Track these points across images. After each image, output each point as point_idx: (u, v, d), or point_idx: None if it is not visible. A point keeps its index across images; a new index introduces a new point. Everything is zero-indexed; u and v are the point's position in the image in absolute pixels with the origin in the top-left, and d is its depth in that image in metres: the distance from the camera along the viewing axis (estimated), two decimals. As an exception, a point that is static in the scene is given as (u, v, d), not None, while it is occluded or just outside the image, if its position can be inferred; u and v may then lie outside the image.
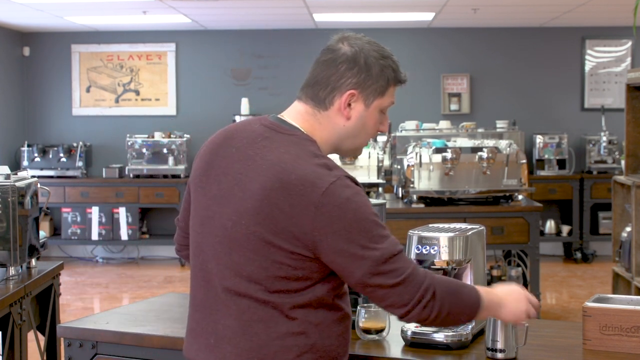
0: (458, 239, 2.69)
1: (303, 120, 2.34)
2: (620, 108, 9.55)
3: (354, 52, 2.32)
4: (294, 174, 2.17)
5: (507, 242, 6.58)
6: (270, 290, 2.20)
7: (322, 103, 2.33)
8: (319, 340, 2.23)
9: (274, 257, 2.18)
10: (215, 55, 10.64)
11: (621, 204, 5.92)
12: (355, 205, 2.17)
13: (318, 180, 2.17)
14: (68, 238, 10.15)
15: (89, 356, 2.97)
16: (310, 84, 2.37)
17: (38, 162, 10.09)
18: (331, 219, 2.15)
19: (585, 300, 2.77)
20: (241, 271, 2.22)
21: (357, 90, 2.31)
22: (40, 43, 10.65)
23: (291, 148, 2.24)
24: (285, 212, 2.16)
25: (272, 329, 2.21)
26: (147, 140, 10.09)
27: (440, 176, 6.50)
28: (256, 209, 2.19)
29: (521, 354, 2.64)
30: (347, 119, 2.33)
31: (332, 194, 2.16)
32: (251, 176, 2.22)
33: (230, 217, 2.24)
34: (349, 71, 2.31)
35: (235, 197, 2.24)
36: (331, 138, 2.35)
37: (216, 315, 2.27)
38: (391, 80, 2.36)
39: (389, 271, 2.18)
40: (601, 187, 9.87)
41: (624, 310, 2.64)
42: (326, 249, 2.17)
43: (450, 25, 10.39)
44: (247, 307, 2.22)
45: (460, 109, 10.49)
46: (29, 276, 4.16)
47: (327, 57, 2.35)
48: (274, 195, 2.17)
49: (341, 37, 2.38)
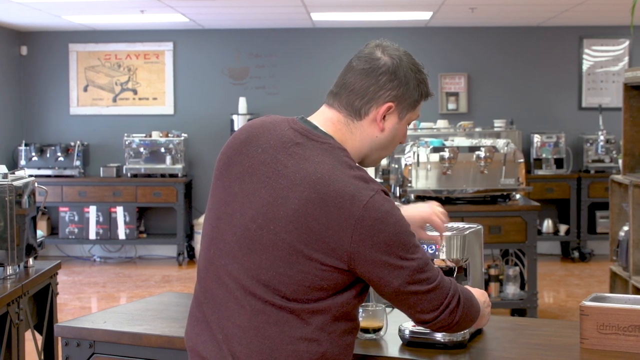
0: (456, 238, 2.69)
1: (335, 128, 2.32)
2: (617, 107, 9.56)
3: (395, 65, 2.30)
4: (332, 186, 2.16)
5: (505, 241, 6.59)
6: (289, 297, 2.19)
7: (357, 113, 2.31)
8: (329, 349, 2.23)
9: (301, 266, 2.17)
10: (212, 54, 10.64)
11: (618, 203, 5.92)
12: (395, 219, 2.19)
13: (358, 194, 2.16)
14: (65, 237, 10.14)
15: (87, 355, 2.97)
16: (345, 91, 2.32)
17: (35, 162, 10.08)
18: (372, 232, 2.16)
19: (582, 299, 2.77)
20: (260, 274, 2.21)
21: (395, 103, 2.30)
22: (38, 42, 10.65)
23: (326, 158, 2.22)
24: (322, 223, 2.15)
25: (286, 333, 2.20)
26: (145, 140, 10.09)
27: (437, 175, 6.50)
28: (290, 217, 2.17)
29: (518, 353, 2.64)
30: (381, 130, 2.33)
31: (372, 208, 2.16)
32: (283, 183, 2.20)
33: (254, 219, 2.22)
34: (389, 83, 2.29)
35: (263, 200, 2.22)
36: (362, 148, 2.34)
37: (227, 312, 2.25)
38: (424, 95, 2.37)
39: (424, 279, 2.24)
40: (599, 186, 9.87)
41: (622, 310, 2.64)
42: (364, 261, 2.17)
43: (448, 25, 10.39)
44: (262, 309, 2.21)
45: (457, 108, 10.50)
46: (26, 275, 4.16)
47: (365, 66, 2.30)
48: (311, 206, 2.16)
49: (378, 45, 2.34)
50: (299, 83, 10.38)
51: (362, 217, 2.15)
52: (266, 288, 2.20)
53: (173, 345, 2.78)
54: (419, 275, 2.22)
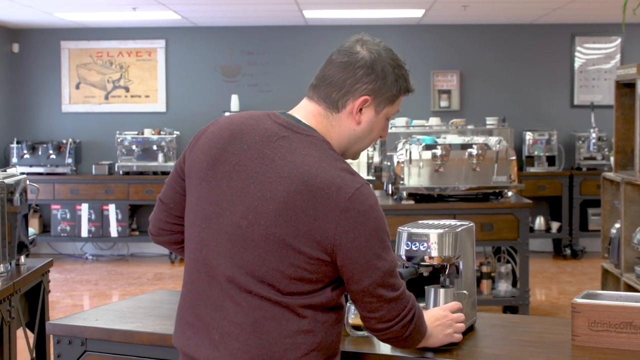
0: (448, 235, 2.69)
1: (317, 121, 2.33)
2: (609, 105, 9.55)
3: (373, 59, 2.32)
4: (319, 178, 2.18)
5: (497, 238, 6.60)
6: (283, 292, 2.20)
7: (335, 105, 2.32)
8: (324, 337, 2.26)
9: (291, 259, 2.19)
10: (205, 51, 10.62)
11: (610, 200, 5.94)
12: (377, 214, 2.22)
13: (344, 185, 2.18)
14: (57, 235, 10.12)
15: (78, 353, 2.96)
16: (323, 84, 2.34)
17: (27, 159, 10.07)
18: (354, 224, 2.17)
19: (574, 296, 2.78)
20: (254, 271, 2.21)
21: (371, 97, 2.32)
22: (30, 39, 10.62)
23: (312, 150, 2.24)
24: (309, 215, 2.16)
25: (283, 327, 2.21)
26: (137, 137, 10.08)
27: (430, 173, 6.51)
28: (278, 210, 2.18)
29: (510, 350, 2.64)
30: (357, 123, 2.34)
31: (357, 200, 2.18)
32: (271, 177, 2.21)
33: (245, 215, 2.22)
34: (366, 77, 2.31)
35: (252, 196, 2.22)
36: (341, 141, 2.35)
37: (222, 312, 2.25)
38: (402, 90, 2.38)
39: (391, 284, 2.25)
40: (590, 184, 9.89)
41: (613, 307, 2.65)
42: (343, 253, 2.19)
43: (440, 22, 10.40)
44: (258, 305, 2.21)
45: (450, 106, 10.50)
46: (18, 273, 4.15)
47: (344, 59, 2.33)
48: (299, 198, 2.17)
49: (358, 39, 2.37)
50: (291, 80, 10.37)
51: (347, 209, 2.17)
52: (261, 284, 2.20)
53: (165, 343, 2.78)
54: (388, 279, 2.24)
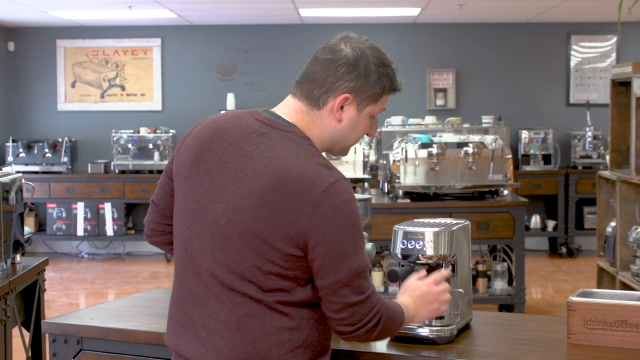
0: (443, 233, 2.69)
1: (298, 117, 2.33)
2: (605, 103, 9.60)
3: (356, 57, 2.31)
4: (293, 172, 2.17)
5: (493, 237, 6.60)
6: (264, 289, 2.20)
7: (316, 102, 2.32)
8: (310, 334, 2.25)
9: (268, 256, 2.18)
10: (201, 50, 10.62)
11: (606, 199, 5.95)
12: (350, 210, 2.18)
13: (318, 180, 2.16)
14: (53, 234, 10.11)
15: (74, 352, 2.96)
16: (306, 80, 2.34)
17: (23, 158, 10.06)
18: (326, 220, 2.15)
19: (570, 294, 2.78)
20: (235, 268, 2.21)
21: (352, 95, 2.30)
22: (25, 38, 10.61)
23: (290, 146, 2.23)
24: (283, 210, 2.16)
25: (266, 324, 2.21)
26: (133, 136, 10.07)
27: (426, 171, 6.51)
28: (254, 207, 2.18)
29: (506, 348, 2.64)
30: (339, 121, 2.33)
31: (331, 195, 2.16)
32: (249, 173, 2.21)
33: (224, 213, 2.23)
34: (347, 75, 2.29)
35: (231, 193, 2.22)
36: (323, 138, 2.34)
37: (208, 309, 2.26)
38: (387, 89, 2.36)
39: (356, 286, 2.20)
40: (586, 182, 9.90)
41: (609, 305, 2.65)
42: (313, 248, 2.17)
43: (436, 21, 10.40)
44: (241, 302, 2.22)
45: (446, 104, 10.51)
46: (13, 272, 4.15)
47: (327, 57, 2.32)
48: (273, 193, 2.16)
49: (344, 37, 2.35)
50: (287, 79, 10.26)
51: (320, 203, 2.15)
52: (242, 281, 2.21)
53: (160, 342, 2.78)
54: (354, 280, 2.20)
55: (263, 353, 2.21)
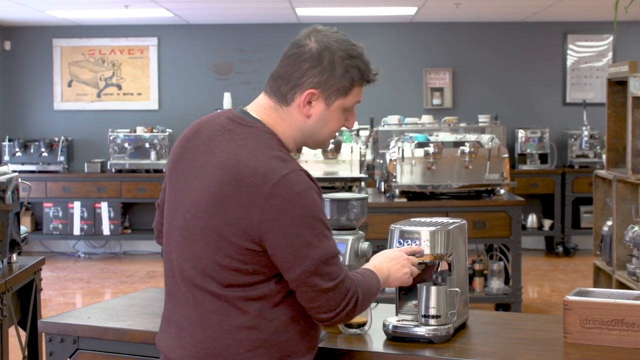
0: (440, 233, 2.69)
1: (266, 114, 2.33)
2: (601, 103, 9.55)
3: (320, 50, 2.29)
4: (247, 166, 2.17)
5: (489, 236, 6.61)
6: (223, 284, 2.21)
7: (284, 99, 2.32)
8: (273, 335, 2.24)
9: (225, 251, 2.19)
10: (197, 49, 10.61)
11: (602, 198, 5.95)
12: (305, 201, 2.17)
13: (270, 172, 2.16)
14: (50, 233, 10.11)
15: (70, 351, 2.96)
16: (274, 77, 2.35)
17: (19, 157, 10.04)
18: (279, 212, 2.14)
19: (566, 294, 2.78)
20: (198, 264, 2.24)
21: (317, 90, 2.29)
22: (21, 37, 10.60)
23: (249, 141, 2.24)
24: (236, 205, 2.16)
25: (225, 322, 2.22)
26: (129, 135, 10.06)
27: (422, 170, 6.51)
28: (211, 202, 2.20)
29: (503, 347, 2.65)
30: (307, 117, 2.32)
31: (283, 187, 2.15)
32: (209, 169, 2.23)
33: (189, 209, 2.26)
34: (312, 70, 2.28)
35: (195, 189, 2.26)
36: (293, 134, 2.34)
37: (179, 306, 2.31)
38: (356, 81, 2.33)
39: (325, 273, 2.19)
40: (583, 182, 9.91)
41: (605, 304, 2.65)
42: (271, 242, 2.16)
43: (433, 20, 10.40)
44: (203, 299, 2.24)
45: (442, 104, 10.51)
46: (9, 271, 4.14)
47: (292, 52, 2.32)
48: (227, 188, 2.18)
49: (311, 31, 2.34)
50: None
51: (271, 195, 2.14)
52: (204, 276, 2.23)
53: (157, 341, 2.78)
54: (322, 268, 2.19)
55: (220, 351, 2.23)
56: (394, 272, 2.52)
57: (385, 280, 2.49)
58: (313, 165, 6.53)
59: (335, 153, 6.53)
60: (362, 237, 2.85)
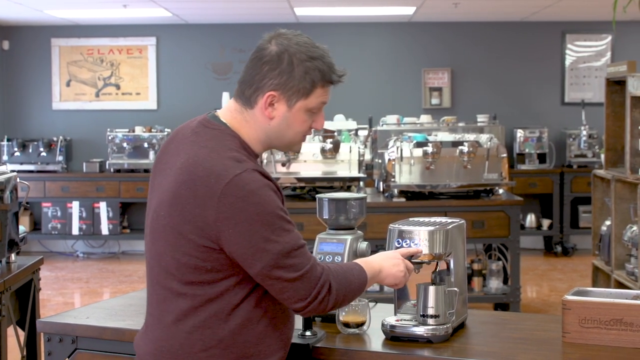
0: (438, 232, 2.69)
1: (232, 117, 2.38)
2: (600, 102, 9.55)
3: (279, 53, 2.33)
4: (202, 167, 2.23)
5: (488, 235, 6.60)
6: (183, 281, 2.27)
7: (248, 101, 2.36)
8: (228, 336, 2.27)
9: (184, 248, 2.25)
10: (196, 49, 10.61)
11: (601, 197, 5.95)
12: (259, 199, 2.21)
13: (224, 172, 2.21)
14: (48, 233, 10.10)
15: (69, 351, 2.96)
16: (240, 81, 2.40)
17: (18, 157, 10.04)
18: (233, 211, 2.19)
19: (565, 293, 2.78)
20: (161, 261, 2.31)
21: (277, 92, 2.33)
22: (20, 37, 10.59)
23: (210, 142, 2.29)
24: (192, 204, 2.22)
25: (180, 321, 2.28)
26: (128, 135, 10.06)
27: (421, 170, 6.51)
28: (171, 201, 2.26)
29: (501, 347, 2.65)
30: (270, 119, 2.36)
31: (235, 186, 2.20)
32: (172, 170, 2.30)
33: (155, 209, 2.34)
34: (271, 72, 2.32)
35: (160, 189, 2.34)
36: (259, 136, 2.38)
37: (149, 303, 2.39)
38: (317, 82, 2.35)
39: (289, 265, 2.24)
40: (581, 181, 9.91)
41: (603, 304, 2.65)
42: (228, 240, 2.21)
43: (431, 20, 10.40)
44: (164, 297, 2.31)
45: (441, 103, 10.51)
46: (8, 271, 4.14)
47: (254, 56, 2.37)
48: (184, 188, 2.24)
49: (273, 35, 2.38)
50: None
51: (224, 195, 2.19)
52: (166, 274, 2.30)
53: (156, 341, 2.78)
54: (284, 261, 2.23)
55: (175, 349, 2.28)
56: (387, 267, 2.54)
57: (377, 275, 2.51)
58: (311, 165, 6.54)
59: (334, 153, 6.53)
60: (360, 237, 2.85)
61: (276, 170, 6.50)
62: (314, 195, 6.50)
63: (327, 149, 6.49)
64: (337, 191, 6.32)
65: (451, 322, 2.71)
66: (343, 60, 10.47)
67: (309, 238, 2.60)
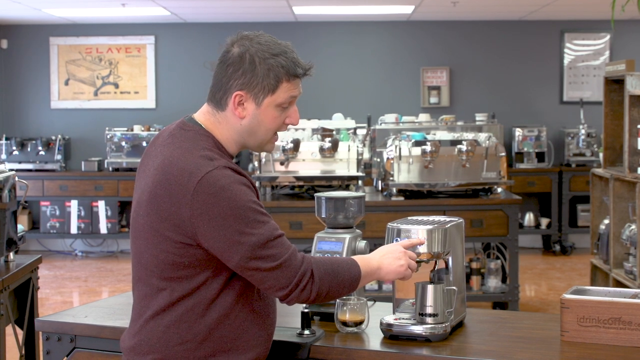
0: (437, 231, 2.69)
1: (205, 118, 2.47)
2: (598, 101, 9.60)
3: (241, 54, 2.41)
4: (176, 166, 2.31)
5: (487, 234, 6.61)
6: (162, 277, 2.35)
7: (219, 104, 2.45)
8: (204, 331, 2.34)
9: (162, 245, 2.32)
10: (194, 48, 10.60)
11: (599, 196, 5.96)
12: (230, 194, 2.28)
13: (196, 170, 2.29)
14: (47, 232, 10.10)
15: (68, 350, 2.96)
16: (211, 86, 2.48)
17: (16, 156, 10.03)
18: (207, 207, 2.26)
19: (563, 292, 2.78)
20: (141, 259, 2.40)
21: (243, 91, 2.40)
22: (18, 35, 10.58)
23: (184, 143, 2.37)
24: (167, 202, 2.30)
25: (159, 316, 2.35)
26: (127, 134, 10.05)
27: (419, 169, 6.51)
28: (147, 200, 2.35)
29: (499, 346, 2.65)
30: (241, 118, 2.43)
31: (207, 182, 2.27)
32: (150, 171, 2.38)
33: (135, 209, 2.43)
34: (235, 73, 2.40)
35: (140, 190, 2.42)
36: (232, 136, 2.45)
37: (133, 301, 2.47)
38: (282, 77, 2.42)
39: (266, 256, 2.30)
40: (580, 180, 9.91)
41: (602, 302, 2.65)
42: (204, 236, 2.28)
43: (430, 19, 10.40)
44: (145, 294, 2.40)
45: (439, 102, 10.51)
46: (7, 270, 4.14)
47: (220, 60, 2.45)
48: (159, 187, 2.32)
49: (235, 38, 2.46)
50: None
51: (197, 192, 2.27)
52: (147, 270, 2.38)
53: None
54: (260, 252, 2.29)
55: (153, 343, 2.36)
56: (387, 264, 2.55)
57: (375, 272, 2.53)
58: (310, 163, 6.54)
59: (333, 151, 6.53)
60: (359, 236, 2.85)
61: (275, 169, 6.51)
62: (312, 194, 6.50)
63: (325, 147, 6.50)
64: (336, 190, 6.31)
65: (450, 321, 2.71)
66: (342, 59, 10.49)
67: (307, 237, 2.62)
